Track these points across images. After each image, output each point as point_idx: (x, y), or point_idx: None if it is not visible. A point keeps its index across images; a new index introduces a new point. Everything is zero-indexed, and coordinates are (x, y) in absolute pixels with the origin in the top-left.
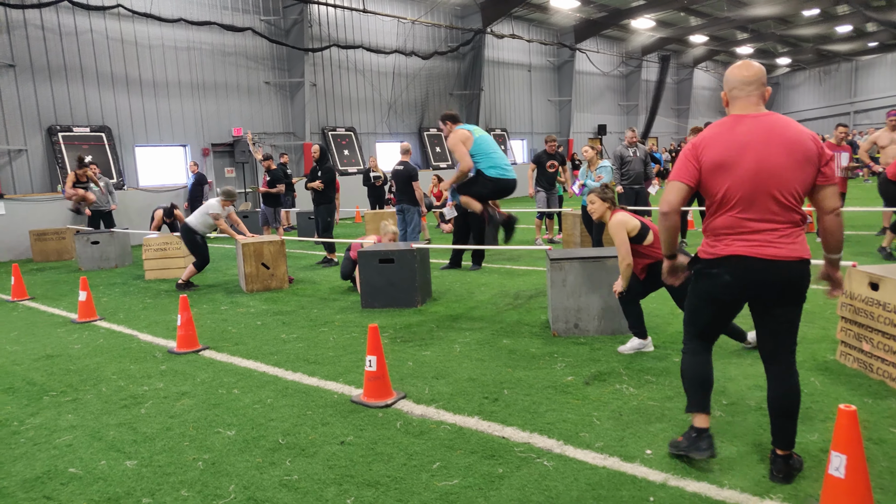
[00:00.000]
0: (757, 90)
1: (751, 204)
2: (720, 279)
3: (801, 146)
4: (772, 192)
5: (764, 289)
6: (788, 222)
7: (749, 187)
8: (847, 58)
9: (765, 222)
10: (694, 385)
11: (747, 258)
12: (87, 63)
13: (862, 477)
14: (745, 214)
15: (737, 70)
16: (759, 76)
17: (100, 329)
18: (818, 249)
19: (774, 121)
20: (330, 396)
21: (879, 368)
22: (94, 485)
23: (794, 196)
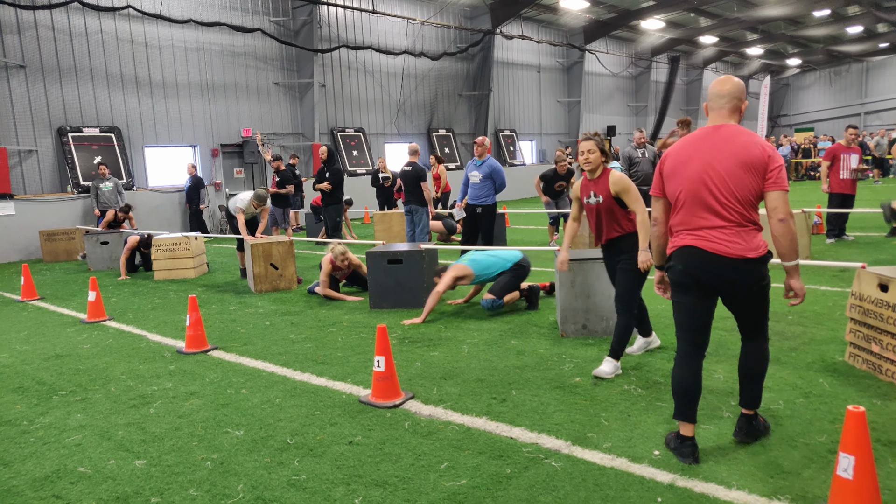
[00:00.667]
0: (729, 103)
1: (697, 203)
2: (676, 269)
3: (746, 154)
4: (714, 193)
5: (712, 279)
6: (733, 222)
7: (694, 188)
8: (858, 59)
9: (710, 220)
10: (678, 395)
11: (693, 248)
12: (96, 64)
13: (870, 478)
14: (692, 212)
15: (716, 84)
16: (732, 91)
17: (109, 329)
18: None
19: (729, 131)
20: (338, 397)
21: (889, 370)
22: (102, 484)
23: (737, 198)
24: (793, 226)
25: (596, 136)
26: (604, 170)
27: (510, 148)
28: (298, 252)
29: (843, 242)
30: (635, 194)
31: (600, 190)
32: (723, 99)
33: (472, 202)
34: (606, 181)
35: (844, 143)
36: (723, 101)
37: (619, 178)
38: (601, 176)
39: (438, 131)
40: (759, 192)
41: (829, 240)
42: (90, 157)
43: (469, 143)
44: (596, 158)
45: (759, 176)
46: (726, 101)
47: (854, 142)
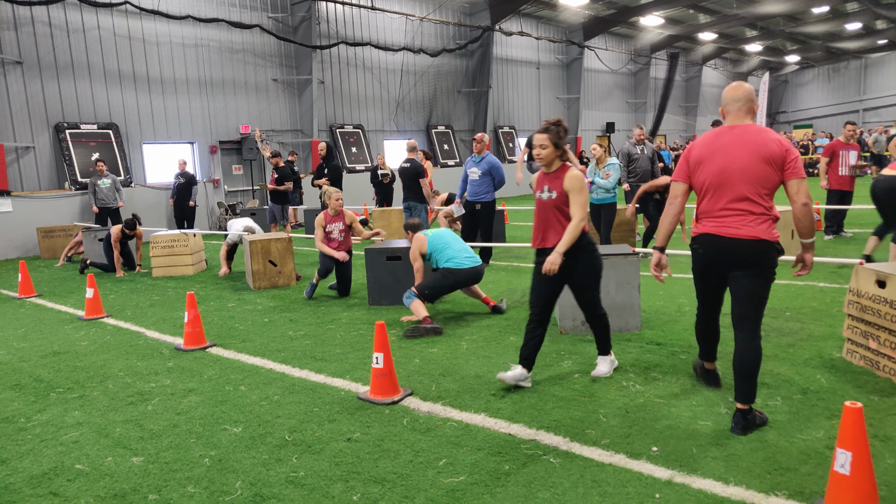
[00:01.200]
0: (744, 105)
1: (718, 193)
2: (697, 252)
3: (764, 149)
4: (734, 185)
5: (726, 260)
6: (748, 210)
7: (717, 180)
8: (856, 55)
9: (728, 208)
10: (701, 341)
11: (713, 235)
12: (94, 60)
13: (867, 474)
14: (715, 202)
15: (730, 90)
16: (746, 95)
17: (107, 326)
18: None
19: (748, 129)
20: (337, 393)
21: (886, 366)
22: (100, 481)
23: (755, 190)
24: (812, 208)
25: (551, 128)
26: (562, 165)
27: (509, 144)
28: (297, 249)
29: (842, 239)
30: (584, 199)
31: (555, 186)
32: (738, 102)
33: (471, 199)
34: (563, 177)
35: (843, 139)
36: (738, 104)
37: (575, 177)
38: (559, 171)
39: (437, 128)
40: (776, 183)
41: (827, 236)
42: (88, 154)
43: (468, 139)
44: (549, 154)
45: (778, 168)
46: (742, 104)
47: (852, 138)
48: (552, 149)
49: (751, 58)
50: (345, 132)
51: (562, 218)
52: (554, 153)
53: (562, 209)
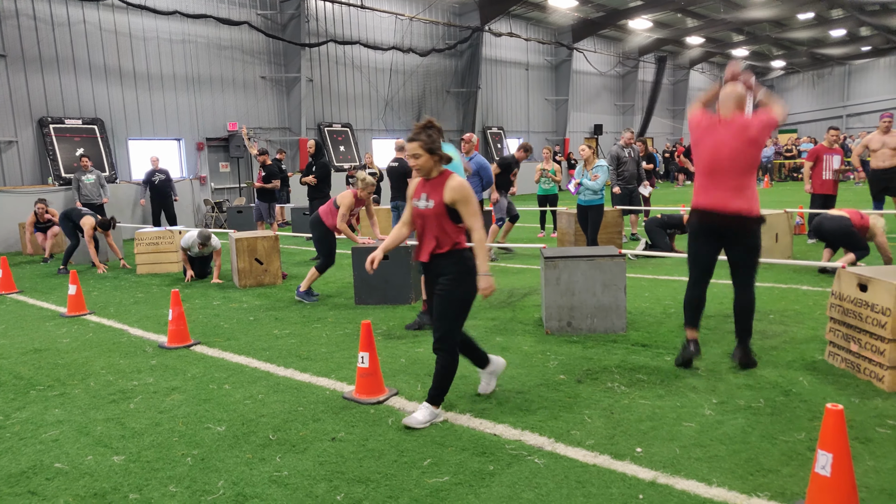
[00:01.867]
0: (733, 102)
1: (709, 172)
2: (693, 221)
3: (746, 132)
4: (722, 165)
5: (716, 229)
6: (734, 188)
7: (708, 161)
8: (840, 62)
9: (717, 185)
10: (687, 308)
11: (705, 209)
12: (79, 54)
13: (847, 475)
14: (706, 179)
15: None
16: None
17: (89, 323)
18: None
19: (735, 118)
20: (322, 393)
21: (867, 369)
22: (80, 480)
23: (740, 170)
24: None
25: (420, 135)
26: (442, 173)
27: (497, 145)
28: (283, 247)
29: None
30: (474, 208)
31: (435, 195)
32: (729, 99)
33: None
34: (443, 185)
35: (826, 144)
36: (730, 102)
37: (458, 185)
38: (439, 179)
39: None
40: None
41: (810, 240)
42: (72, 149)
43: (457, 139)
44: (424, 163)
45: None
46: (732, 101)
47: (836, 143)
48: (426, 157)
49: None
50: (333, 131)
51: (442, 228)
52: (430, 160)
53: (441, 220)
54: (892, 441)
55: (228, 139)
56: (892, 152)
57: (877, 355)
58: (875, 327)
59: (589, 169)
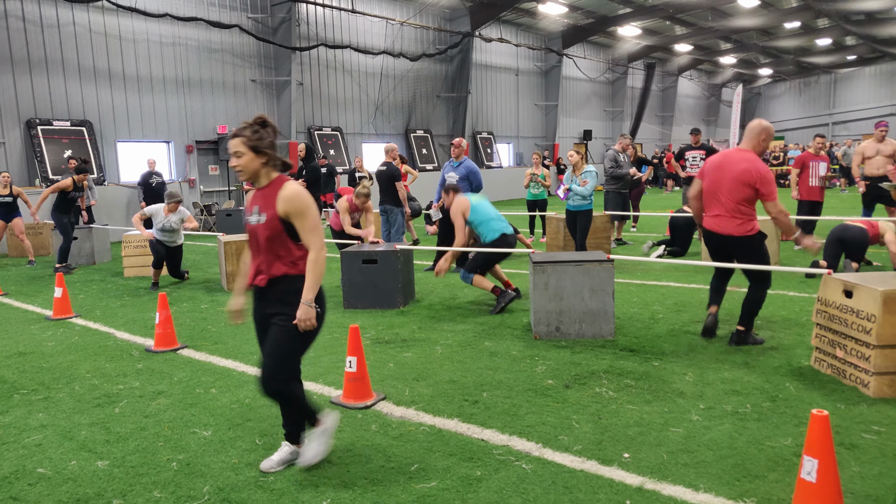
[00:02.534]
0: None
1: (711, 199)
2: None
3: (742, 174)
4: (720, 195)
5: (717, 246)
6: (730, 212)
7: (710, 190)
8: (826, 70)
9: (716, 211)
10: (712, 291)
11: (706, 228)
12: (69, 56)
13: (833, 481)
14: (709, 203)
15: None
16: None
17: (75, 326)
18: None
19: (734, 154)
20: (309, 397)
21: (852, 374)
22: (62, 485)
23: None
24: (783, 216)
25: (246, 130)
26: (276, 179)
27: (487, 150)
28: None
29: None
30: (313, 222)
31: (267, 207)
32: (749, 132)
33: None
34: (275, 195)
35: (813, 151)
36: (749, 134)
37: (293, 194)
38: (270, 186)
39: (416, 132)
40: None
41: (797, 246)
42: (60, 151)
43: (447, 144)
44: (247, 163)
45: (752, 189)
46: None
47: (822, 150)
48: (251, 156)
49: (725, 70)
50: (323, 134)
51: (276, 247)
52: (254, 161)
53: (275, 236)
54: (877, 447)
55: (218, 142)
56: (886, 160)
57: (862, 361)
58: (860, 333)
59: (578, 174)
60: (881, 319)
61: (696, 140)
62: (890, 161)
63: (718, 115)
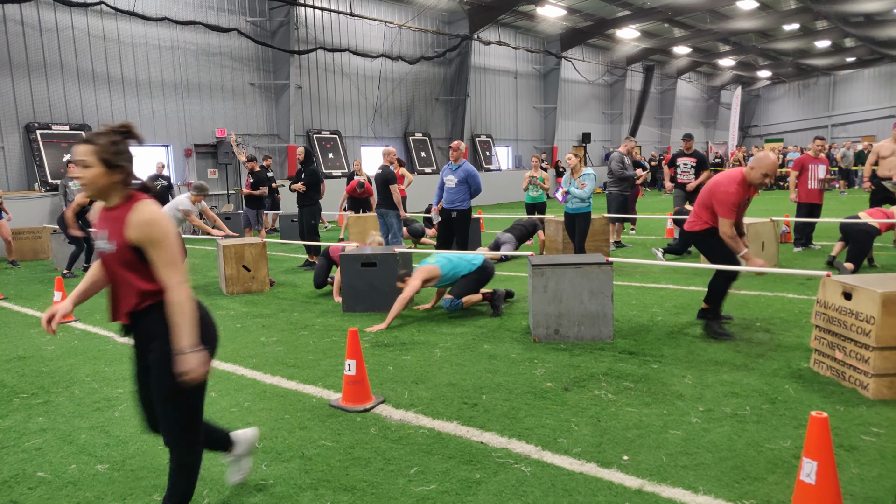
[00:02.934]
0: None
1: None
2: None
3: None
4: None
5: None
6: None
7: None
8: (826, 72)
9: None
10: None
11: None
12: (67, 60)
13: (832, 483)
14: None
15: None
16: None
17: (74, 330)
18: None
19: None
20: (308, 400)
21: (851, 376)
22: (63, 489)
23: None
24: (726, 237)
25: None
26: (128, 198)
27: (486, 153)
28: (271, 254)
29: (810, 251)
30: (169, 255)
31: (115, 232)
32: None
33: (447, 206)
34: (124, 218)
35: (812, 153)
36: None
37: (148, 220)
38: (121, 207)
39: (415, 135)
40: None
41: (796, 248)
42: (59, 155)
43: (445, 147)
44: (93, 177)
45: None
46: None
47: (821, 153)
48: (101, 170)
49: (724, 72)
50: (322, 137)
51: (132, 277)
52: (105, 177)
53: (127, 267)
54: (876, 449)
55: (217, 146)
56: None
57: (861, 363)
58: (859, 335)
59: (576, 177)
60: (880, 321)
61: (689, 146)
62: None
63: (717, 118)
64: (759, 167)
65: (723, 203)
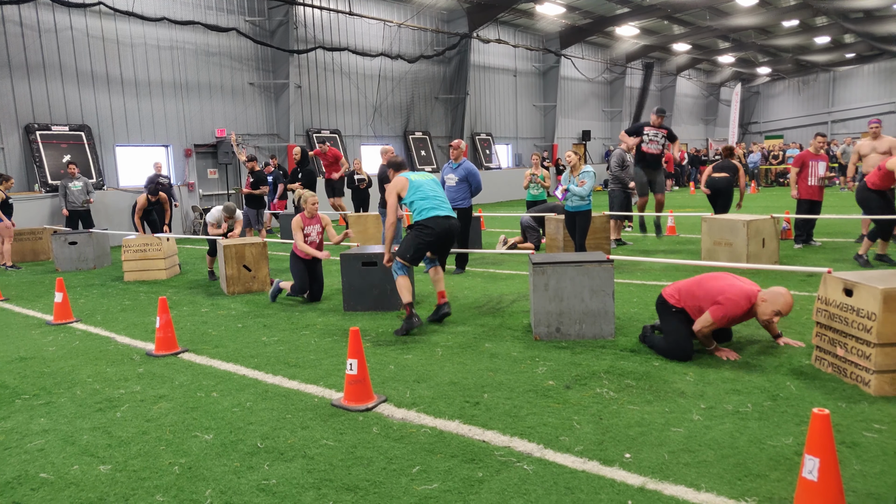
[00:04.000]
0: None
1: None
2: None
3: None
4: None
5: None
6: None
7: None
8: (825, 68)
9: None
10: None
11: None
12: (66, 61)
13: (834, 480)
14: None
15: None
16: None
17: (76, 331)
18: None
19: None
20: (310, 400)
21: (853, 373)
22: (65, 490)
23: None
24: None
25: None
26: None
27: (486, 151)
28: (272, 254)
29: (811, 248)
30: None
31: None
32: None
33: None
34: None
35: (812, 150)
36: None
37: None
38: None
39: (415, 134)
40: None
41: (797, 245)
42: (59, 156)
43: (445, 146)
44: None
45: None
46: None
47: (822, 149)
48: None
49: (723, 69)
50: (321, 137)
51: None
52: None
53: None
54: (878, 445)
55: (216, 145)
56: (882, 157)
57: (863, 359)
58: (861, 332)
59: (576, 175)
60: (881, 318)
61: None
62: (886, 158)
63: (717, 115)
64: (772, 303)
65: (722, 312)
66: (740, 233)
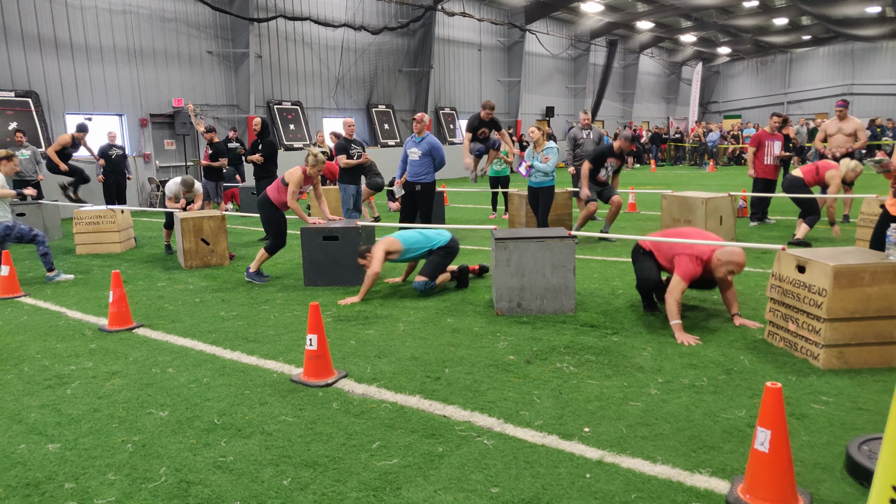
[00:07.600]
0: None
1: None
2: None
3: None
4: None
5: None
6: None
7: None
8: (783, 50)
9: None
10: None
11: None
12: (11, 23)
13: (784, 451)
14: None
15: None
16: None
17: (24, 306)
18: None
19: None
20: (269, 375)
21: (803, 347)
22: (11, 470)
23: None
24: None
25: None
26: None
27: (450, 126)
28: (230, 227)
29: (766, 225)
30: None
31: None
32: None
33: (410, 179)
34: None
35: (769, 130)
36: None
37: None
38: None
39: (378, 107)
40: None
41: (752, 223)
42: (5, 123)
43: (409, 119)
44: None
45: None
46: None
47: (777, 129)
48: None
49: (685, 48)
50: (283, 108)
51: None
52: None
53: None
54: (825, 417)
55: (174, 115)
56: (847, 138)
57: (813, 334)
58: (812, 307)
59: (539, 151)
60: (831, 294)
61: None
62: (851, 139)
63: (678, 94)
64: (726, 262)
65: (680, 265)
66: (699, 210)
